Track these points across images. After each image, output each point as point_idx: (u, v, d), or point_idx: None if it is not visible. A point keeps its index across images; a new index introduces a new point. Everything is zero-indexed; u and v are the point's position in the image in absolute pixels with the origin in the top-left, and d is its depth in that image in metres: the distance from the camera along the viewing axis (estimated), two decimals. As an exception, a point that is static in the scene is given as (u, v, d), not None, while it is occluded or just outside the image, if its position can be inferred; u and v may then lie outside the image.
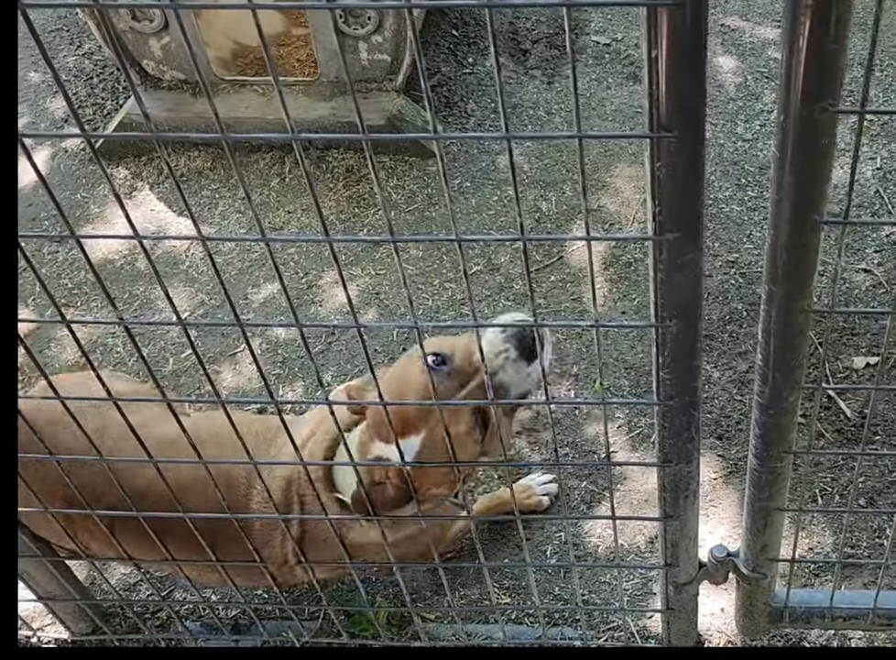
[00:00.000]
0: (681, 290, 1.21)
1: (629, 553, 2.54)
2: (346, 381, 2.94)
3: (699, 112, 0.99)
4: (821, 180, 1.11)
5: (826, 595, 2.05)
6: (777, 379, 1.42)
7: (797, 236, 1.17)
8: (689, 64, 0.94)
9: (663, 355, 1.34)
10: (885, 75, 3.85)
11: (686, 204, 1.09)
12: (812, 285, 1.26)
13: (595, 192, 3.51)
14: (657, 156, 1.02)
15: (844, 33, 0.97)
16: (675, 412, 1.46)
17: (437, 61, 4.00)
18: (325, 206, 3.54)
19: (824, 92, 1.01)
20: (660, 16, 0.89)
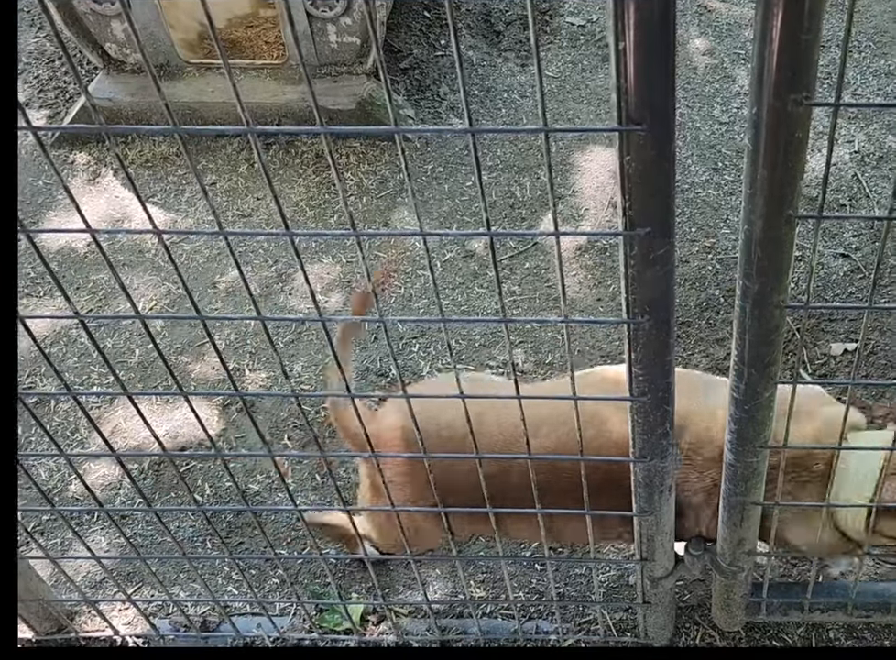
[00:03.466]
0: (653, 285, 1.19)
1: (604, 546, 2.53)
2: (317, 371, 2.93)
3: (668, 105, 0.97)
4: (795, 174, 1.09)
5: (803, 588, 2.06)
6: (752, 375, 1.41)
7: (771, 230, 1.16)
8: (658, 57, 0.92)
9: (636, 351, 1.32)
10: (862, 57, 3.85)
11: (657, 199, 1.07)
12: (787, 280, 1.25)
13: (569, 175, 3.49)
14: (626, 150, 1.00)
15: (817, 24, 0.95)
16: (649, 408, 1.45)
17: (409, 44, 3.96)
18: (295, 193, 3.50)
19: (797, 84, 0.99)
20: (627, 6, 0.87)
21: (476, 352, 2.97)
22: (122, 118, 3.60)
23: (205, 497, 2.69)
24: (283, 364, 1.27)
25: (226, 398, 2.88)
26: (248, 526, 2.62)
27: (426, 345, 3.00)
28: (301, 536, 2.59)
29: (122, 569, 2.57)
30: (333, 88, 3.51)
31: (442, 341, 2.99)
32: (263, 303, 3.15)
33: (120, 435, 2.84)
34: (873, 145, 3.49)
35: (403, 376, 2.88)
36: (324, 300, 3.14)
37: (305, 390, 2.90)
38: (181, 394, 1.41)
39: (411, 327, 3.02)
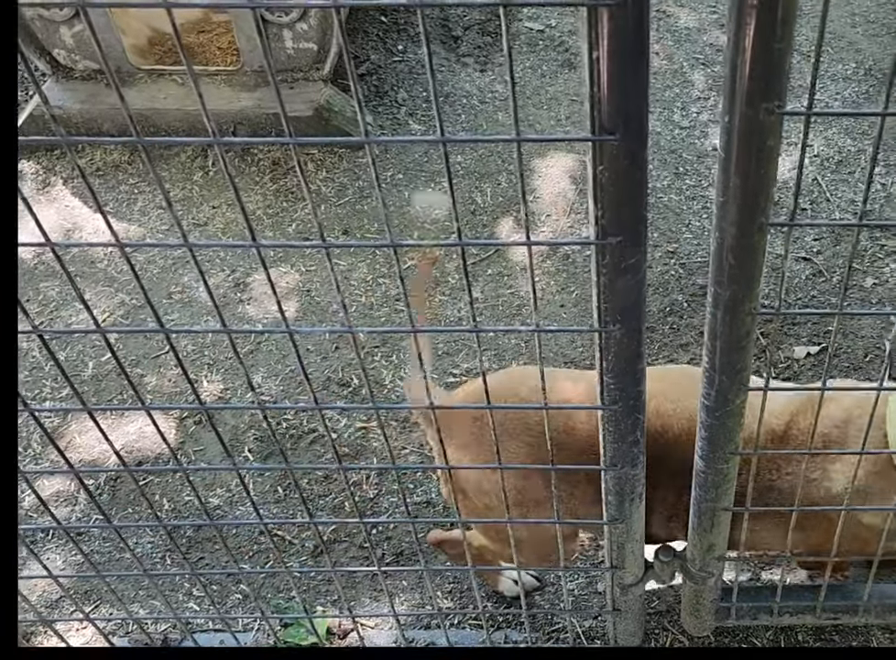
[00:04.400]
0: (624, 293, 1.19)
1: (573, 552, 2.54)
2: (276, 382, 2.90)
3: (642, 114, 0.97)
4: (767, 182, 1.10)
5: (772, 592, 2.08)
6: (723, 382, 1.42)
7: (744, 238, 1.16)
8: (631, 66, 0.92)
9: (607, 359, 1.32)
10: (820, 61, 3.91)
11: (629, 208, 1.07)
12: (758, 287, 1.25)
13: (530, 181, 3.50)
14: (599, 159, 1.00)
15: (790, 33, 0.96)
16: (620, 417, 1.45)
17: (366, 49, 3.95)
18: (251, 201, 3.47)
19: (770, 92, 1.00)
20: (600, 16, 0.87)
21: (440, 360, 2.97)
22: (71, 126, 3.54)
23: (164, 512, 2.65)
24: (248, 375, 1.25)
25: (183, 410, 2.85)
26: (209, 541, 2.58)
27: (388, 354, 2.99)
28: (265, 550, 2.56)
29: (79, 587, 2.53)
30: (289, 95, 3.49)
31: (404, 350, 2.98)
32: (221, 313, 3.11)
33: (75, 451, 2.79)
34: (832, 149, 3.55)
35: (364, 386, 2.87)
36: (283, 309, 3.11)
37: (265, 401, 2.87)
38: (142, 408, 1.38)
39: (373, 337, 3.01)
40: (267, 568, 2.52)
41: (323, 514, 2.60)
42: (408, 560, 2.51)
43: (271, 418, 2.80)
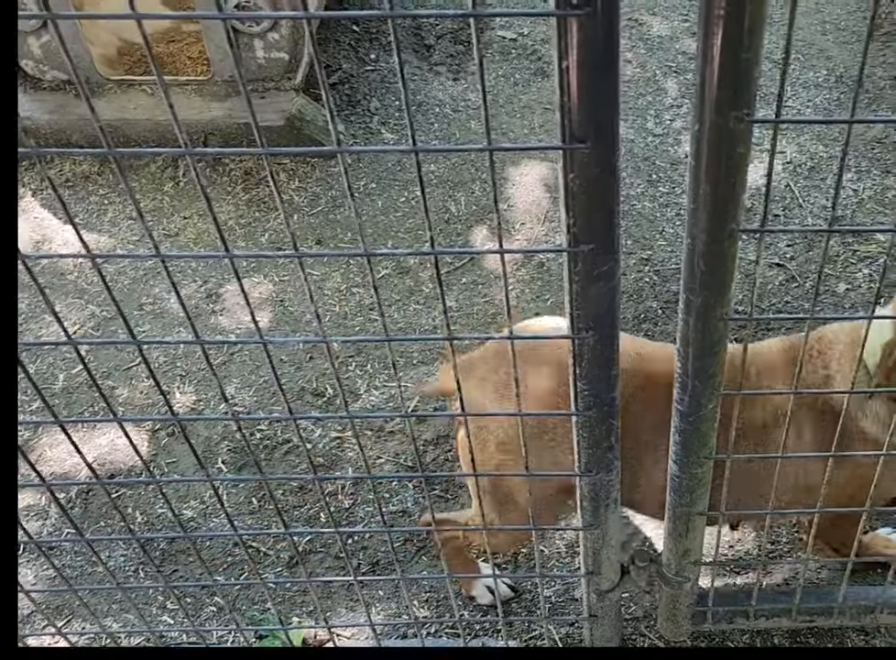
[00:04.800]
0: (597, 301, 1.20)
1: (550, 559, 2.55)
2: (250, 393, 2.89)
3: (613, 122, 0.98)
4: (737, 189, 1.11)
5: (748, 595, 2.09)
6: (697, 387, 1.43)
7: (714, 244, 1.18)
8: (602, 75, 0.93)
9: (580, 366, 1.33)
10: (792, 69, 3.97)
11: (601, 215, 1.08)
12: (730, 293, 1.27)
13: (504, 189, 3.52)
14: (570, 167, 1.01)
15: (757, 42, 0.97)
16: (594, 423, 1.47)
17: (338, 58, 3.95)
18: (224, 211, 3.46)
19: (738, 101, 1.02)
20: (570, 26, 0.88)
21: (415, 369, 2.97)
22: (40, 137, 3.52)
23: (137, 525, 2.64)
24: (222, 386, 1.25)
25: (156, 422, 2.83)
26: (183, 553, 2.57)
27: (363, 363, 2.99)
28: (239, 562, 2.55)
29: (51, 602, 2.51)
30: (260, 104, 3.48)
31: (378, 359, 2.98)
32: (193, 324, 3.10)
33: (46, 464, 2.77)
34: (804, 155, 3.59)
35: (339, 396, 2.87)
36: (257, 319, 3.10)
37: (239, 412, 2.86)
38: (114, 420, 1.37)
39: (347, 346, 3.01)
40: (242, 580, 2.51)
41: (298, 525, 2.59)
42: (384, 570, 2.51)
43: (245, 429, 2.79)
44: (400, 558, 2.51)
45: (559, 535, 2.57)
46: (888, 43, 4.03)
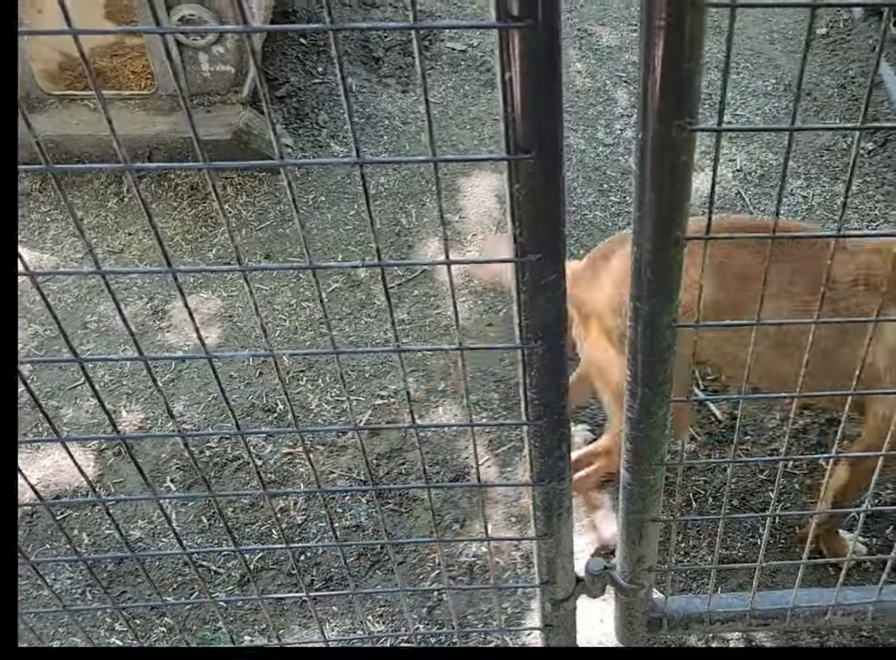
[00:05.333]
0: (544, 310, 1.21)
1: (506, 570, 2.55)
2: (199, 410, 2.86)
3: (556, 133, 0.99)
4: (682, 197, 1.13)
5: (703, 600, 2.11)
6: (646, 394, 1.45)
7: (660, 252, 1.19)
8: (544, 86, 0.94)
9: (530, 375, 1.34)
10: (741, 78, 4.04)
11: (547, 225, 1.09)
12: (677, 300, 1.29)
13: (456, 200, 3.53)
14: (515, 178, 1.02)
15: (698, 52, 0.99)
16: (545, 432, 1.47)
17: (285, 71, 3.94)
18: (170, 227, 3.43)
19: (681, 110, 1.03)
20: (512, 38, 0.89)
21: (367, 382, 2.96)
22: (-21, 151, 3.46)
23: (83, 546, 2.60)
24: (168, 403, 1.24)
25: (102, 442, 2.79)
26: (131, 574, 2.53)
27: (314, 378, 2.97)
28: (189, 581, 2.52)
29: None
30: (206, 118, 3.46)
31: (330, 373, 2.97)
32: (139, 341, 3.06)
33: (-12, 488, 2.71)
34: (754, 163, 3.66)
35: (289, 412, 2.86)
36: (204, 335, 3.07)
37: (187, 429, 2.83)
38: (58, 440, 1.36)
39: (298, 360, 2.99)
40: (192, 599, 2.48)
41: (250, 542, 2.57)
42: (338, 585, 2.50)
43: (194, 446, 2.76)
44: (354, 573, 2.50)
45: (514, 546, 2.58)
46: (835, 51, 4.12)
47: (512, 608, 2.48)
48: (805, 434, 2.81)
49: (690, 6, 0.95)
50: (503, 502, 2.67)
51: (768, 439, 2.79)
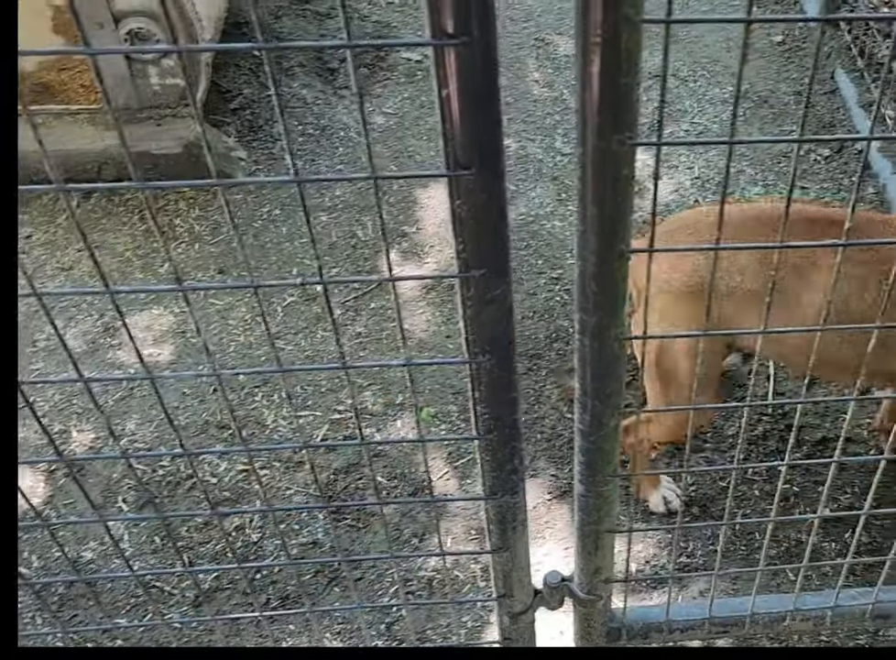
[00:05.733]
0: (491, 325, 1.22)
1: (465, 583, 2.55)
2: (151, 429, 2.84)
3: (496, 149, 1.00)
4: (624, 210, 1.14)
5: (662, 609, 2.12)
6: (596, 406, 1.46)
7: (604, 265, 1.20)
8: (483, 102, 0.95)
9: (479, 389, 1.35)
10: (698, 85, 4.09)
11: (490, 240, 1.10)
12: (623, 313, 1.30)
13: (413, 212, 3.54)
14: (456, 194, 1.03)
15: (635, 67, 1.00)
16: (497, 446, 1.48)
17: (238, 83, 3.93)
18: (121, 243, 3.40)
19: (620, 125, 1.04)
20: (447, 55, 0.89)
21: (323, 397, 2.96)
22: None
23: (33, 569, 2.56)
24: (111, 425, 1.23)
25: (52, 463, 2.76)
26: (82, 597, 2.49)
27: (269, 393, 2.96)
28: (143, 603, 2.49)
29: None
30: (156, 132, 3.44)
31: (285, 389, 2.95)
32: (91, 359, 3.04)
33: (-64, 511, 2.66)
34: (712, 171, 3.70)
35: (244, 427, 2.84)
36: (157, 352, 3.06)
37: (140, 448, 2.80)
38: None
39: (253, 377, 2.98)
40: (146, 622, 2.45)
41: (204, 562, 2.54)
42: (294, 603, 2.48)
43: (146, 465, 2.74)
44: (312, 590, 2.48)
45: (474, 559, 2.59)
46: (791, 59, 4.19)
47: (472, 621, 2.48)
48: (765, 440, 2.85)
49: (625, 23, 0.96)
50: (462, 515, 2.68)
51: (728, 446, 2.82)
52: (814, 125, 3.85)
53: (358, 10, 4.48)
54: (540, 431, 2.87)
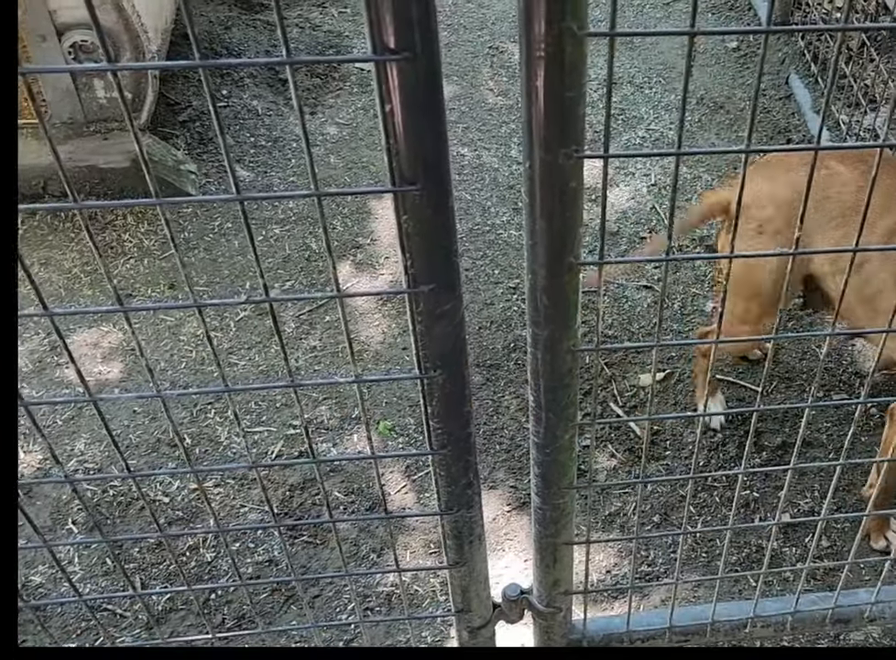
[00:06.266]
0: (442, 340, 1.22)
1: (425, 598, 2.55)
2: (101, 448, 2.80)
3: (442, 163, 1.00)
4: (573, 222, 1.15)
5: (623, 620, 2.13)
6: (550, 419, 1.47)
7: (554, 278, 1.21)
8: (427, 116, 0.95)
9: (431, 404, 1.35)
10: (653, 92, 4.13)
11: (438, 255, 1.10)
12: (576, 325, 1.31)
13: (368, 223, 3.54)
14: (402, 209, 1.03)
15: (580, 80, 1.00)
16: (451, 460, 1.48)
17: (187, 95, 3.90)
18: (68, 259, 3.36)
19: (566, 138, 1.04)
20: (389, 70, 0.89)
21: (278, 412, 2.94)
22: None
23: (-19, 596, 2.51)
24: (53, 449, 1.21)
25: None
26: (30, 623, 2.45)
27: (222, 410, 2.93)
28: (94, 626, 2.45)
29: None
30: (103, 145, 3.40)
31: (239, 405, 2.94)
32: (37, 378, 2.99)
33: None
34: (669, 177, 3.74)
35: (198, 445, 2.81)
36: (106, 370, 3.02)
37: (90, 469, 2.76)
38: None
39: (205, 393, 2.95)
40: (97, 647, 2.41)
41: (157, 583, 2.51)
42: (250, 623, 2.46)
43: (96, 486, 2.70)
44: (268, 609, 2.46)
45: (433, 573, 2.58)
46: (746, 65, 4.24)
47: (432, 637, 2.48)
48: (724, 446, 2.87)
49: (568, 36, 0.97)
50: (421, 530, 2.67)
51: (688, 453, 2.84)
52: (770, 130, 3.91)
53: (310, 20, 4.47)
54: (499, 442, 2.87)
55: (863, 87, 3.92)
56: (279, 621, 2.46)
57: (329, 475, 2.77)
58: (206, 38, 4.19)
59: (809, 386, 2.95)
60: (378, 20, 0.87)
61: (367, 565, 2.58)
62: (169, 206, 3.49)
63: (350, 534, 2.65)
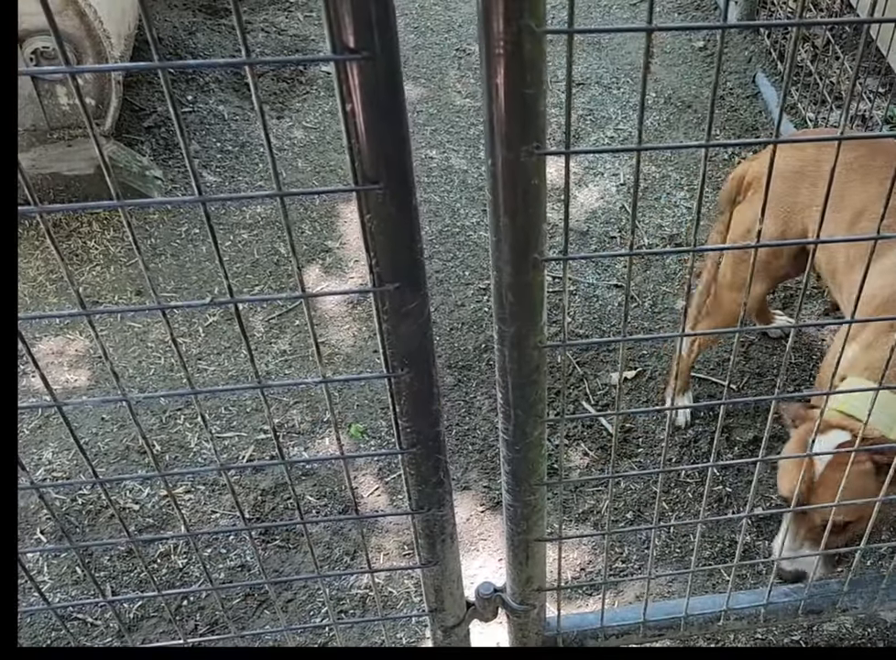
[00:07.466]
0: (408, 338, 1.23)
1: (399, 599, 2.55)
2: (69, 457, 2.78)
3: (404, 162, 1.01)
4: (537, 219, 1.15)
5: (597, 616, 2.14)
6: (519, 416, 1.48)
7: (519, 275, 1.22)
8: (388, 115, 0.96)
9: (400, 403, 1.35)
10: (622, 92, 4.16)
11: (403, 254, 1.11)
12: (542, 321, 1.31)
13: (336, 226, 3.53)
14: (366, 208, 1.03)
15: (540, 78, 1.01)
16: (421, 459, 1.49)
17: (152, 101, 3.88)
18: (32, 267, 3.33)
19: (527, 135, 1.05)
20: (350, 69, 0.90)
21: (249, 417, 2.93)
22: None
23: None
24: (20, 460, 1.20)
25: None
26: None
27: (192, 416, 2.92)
28: (65, 636, 2.43)
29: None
30: (67, 152, 3.38)
31: (209, 410, 2.93)
32: (6, 387, 2.96)
33: None
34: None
35: (167, 451, 2.80)
36: (73, 378, 3.00)
37: (58, 477, 2.74)
38: None
39: (175, 399, 2.94)
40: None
41: (129, 590, 2.50)
42: (223, 629, 2.45)
43: (65, 494, 2.68)
44: (241, 615, 2.45)
45: (407, 574, 2.58)
46: (712, 64, 4.28)
47: (407, 638, 2.48)
48: (696, 442, 2.90)
49: (527, 34, 0.98)
50: (394, 531, 2.67)
51: (661, 450, 2.86)
52: (738, 128, 3.95)
53: (276, 24, 4.46)
54: (472, 443, 2.88)
55: (829, 85, 3.97)
56: (253, 626, 2.45)
57: (301, 479, 2.77)
58: (171, 44, 4.17)
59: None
60: (338, 20, 0.88)
61: (341, 567, 2.58)
62: (134, 210, 3.48)
63: (323, 537, 2.65)
